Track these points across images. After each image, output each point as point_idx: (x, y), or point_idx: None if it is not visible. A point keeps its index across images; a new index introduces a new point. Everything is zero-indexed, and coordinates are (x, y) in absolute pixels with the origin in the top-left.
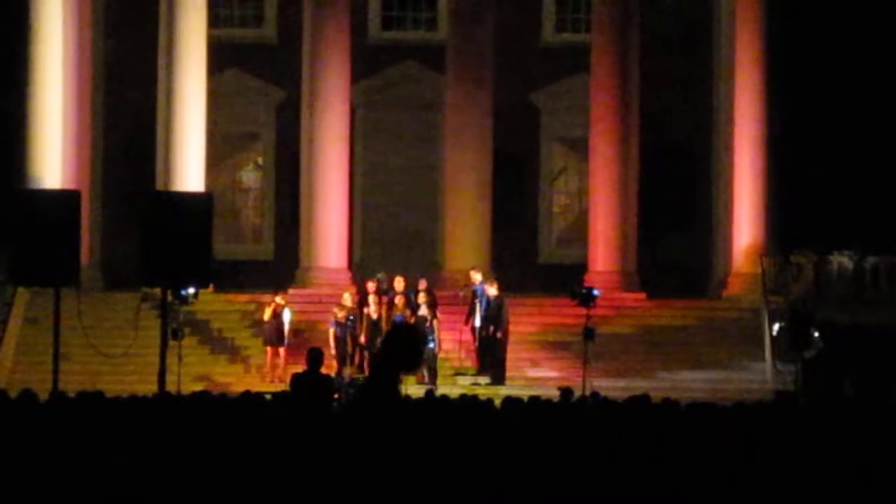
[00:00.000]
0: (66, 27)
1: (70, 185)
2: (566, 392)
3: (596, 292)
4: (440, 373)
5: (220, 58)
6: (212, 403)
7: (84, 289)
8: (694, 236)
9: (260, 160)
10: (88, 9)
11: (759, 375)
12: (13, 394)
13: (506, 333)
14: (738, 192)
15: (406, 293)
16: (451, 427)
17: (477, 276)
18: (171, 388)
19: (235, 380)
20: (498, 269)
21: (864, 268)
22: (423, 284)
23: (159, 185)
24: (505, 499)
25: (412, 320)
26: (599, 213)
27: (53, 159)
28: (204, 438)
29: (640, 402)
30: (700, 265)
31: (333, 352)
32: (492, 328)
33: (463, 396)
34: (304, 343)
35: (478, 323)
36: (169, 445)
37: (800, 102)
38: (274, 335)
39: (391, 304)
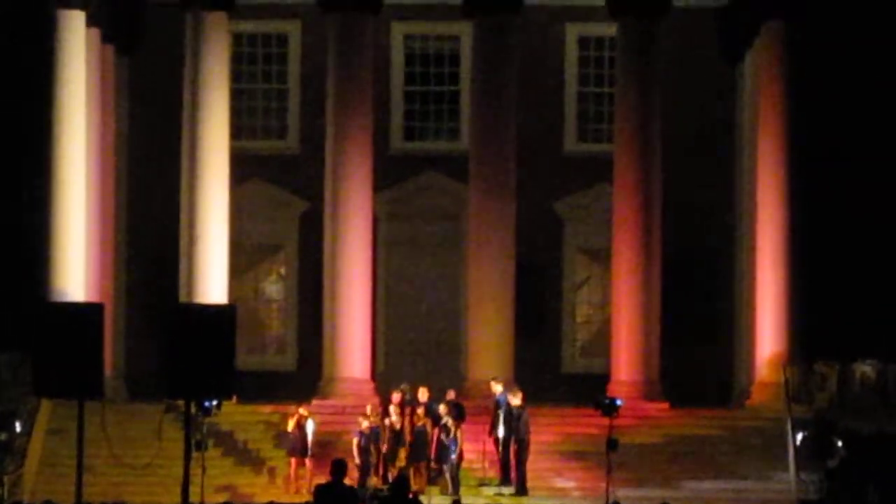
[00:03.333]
0: (89, 140)
1: (93, 297)
2: None
3: (619, 402)
4: (463, 483)
5: (243, 168)
6: None
7: (108, 400)
8: (717, 345)
9: (283, 270)
10: (112, 121)
11: (783, 485)
12: None
13: (526, 444)
14: (761, 302)
15: (428, 404)
16: None
17: (497, 387)
18: (194, 499)
19: (259, 491)
20: (521, 378)
21: (887, 376)
22: (450, 395)
23: (182, 296)
24: None
25: (435, 430)
26: (622, 322)
27: (76, 271)
28: None
29: None
30: (723, 374)
31: (357, 462)
32: (514, 438)
33: None
34: (328, 454)
35: (500, 433)
36: None
37: (823, 211)
38: (298, 446)
39: (413, 414)
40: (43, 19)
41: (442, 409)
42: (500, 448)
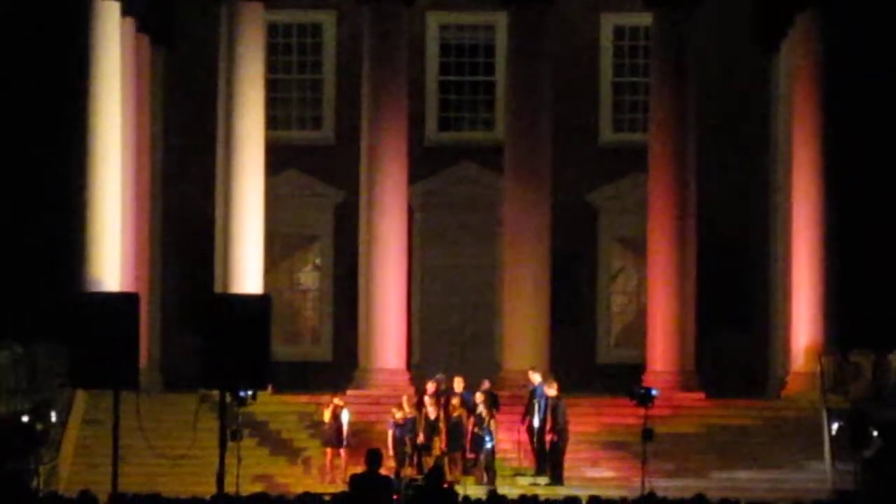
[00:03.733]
0: (125, 130)
1: (128, 288)
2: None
3: (654, 392)
4: (498, 473)
5: (278, 159)
6: None
7: (143, 390)
8: (752, 335)
9: (318, 261)
10: (147, 111)
11: (818, 475)
12: (72, 495)
13: (564, 434)
14: (797, 291)
15: (463, 394)
16: None
17: (536, 377)
18: (229, 489)
19: (294, 481)
20: (556, 368)
21: None
22: (485, 385)
23: (218, 287)
24: None
25: (470, 420)
26: (658, 312)
27: (112, 262)
28: None
29: (698, 502)
30: (759, 364)
31: (392, 452)
32: (549, 428)
33: (523, 497)
34: (363, 444)
35: (536, 423)
36: None
37: (858, 199)
38: (333, 436)
39: (447, 404)
40: (78, 9)
41: (478, 397)
42: (536, 438)
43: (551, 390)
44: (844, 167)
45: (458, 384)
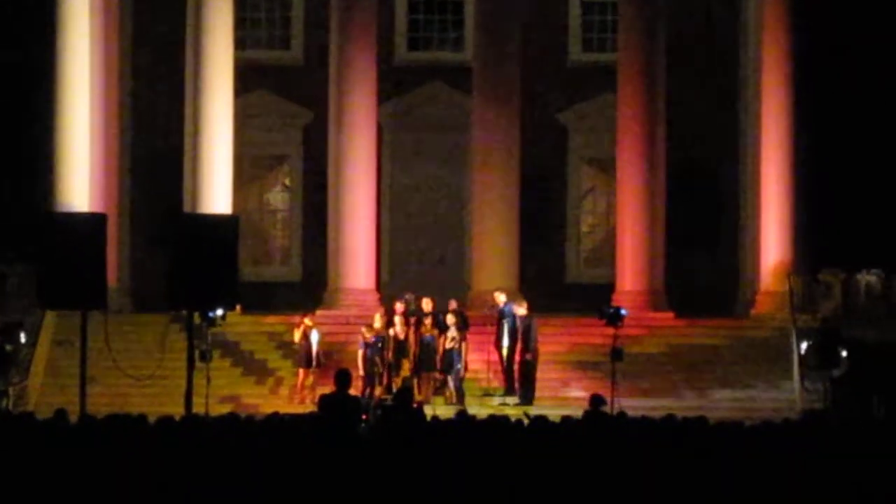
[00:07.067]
0: (93, 50)
1: (97, 209)
2: (597, 400)
3: (624, 312)
4: (468, 393)
5: (247, 79)
6: (238, 425)
7: (112, 311)
8: (721, 255)
9: (287, 181)
10: (115, 31)
11: (788, 394)
12: (42, 415)
13: (535, 353)
14: (766, 211)
15: (434, 313)
16: (480, 447)
17: (501, 297)
18: (199, 409)
19: (263, 402)
20: (526, 288)
21: (892, 286)
22: (452, 305)
23: (187, 208)
24: None
25: (441, 340)
26: (627, 232)
27: (80, 183)
28: (231, 460)
29: (667, 421)
30: (728, 284)
31: (361, 373)
32: (520, 348)
33: (492, 417)
34: (333, 364)
35: (505, 343)
36: (195, 467)
37: (827, 121)
38: (303, 357)
39: (418, 325)
40: None
41: (450, 318)
42: (505, 358)
43: (521, 310)
44: (813, 89)
45: (427, 304)
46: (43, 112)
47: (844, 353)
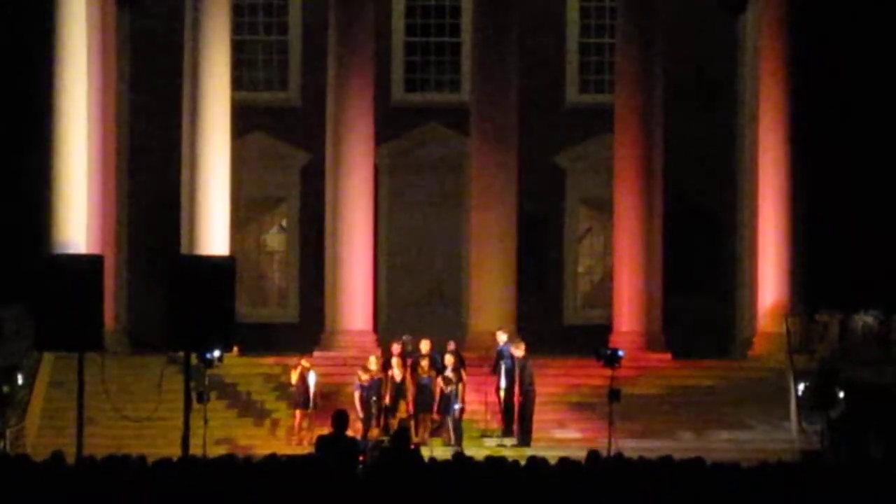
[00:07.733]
0: (91, 91)
1: (95, 250)
2: (593, 455)
3: (621, 353)
4: (465, 434)
5: (244, 121)
6: (236, 467)
7: (109, 353)
8: (719, 296)
9: (284, 223)
10: (113, 72)
11: (785, 435)
12: (39, 457)
13: (530, 395)
14: (763, 252)
15: (432, 355)
16: (477, 488)
17: (502, 337)
18: (196, 451)
19: (261, 443)
20: (523, 329)
21: (889, 327)
22: (451, 346)
23: (184, 249)
24: None
25: (438, 381)
26: (624, 273)
27: (78, 224)
28: (229, 501)
29: (664, 463)
30: (725, 325)
31: (360, 414)
32: (517, 389)
33: (489, 458)
34: (330, 405)
35: (503, 384)
36: None
37: (824, 162)
38: (300, 398)
39: (415, 367)
40: None
41: (448, 359)
42: (503, 399)
43: (519, 351)
44: (811, 129)
45: (425, 345)
46: (40, 154)
47: (842, 394)
